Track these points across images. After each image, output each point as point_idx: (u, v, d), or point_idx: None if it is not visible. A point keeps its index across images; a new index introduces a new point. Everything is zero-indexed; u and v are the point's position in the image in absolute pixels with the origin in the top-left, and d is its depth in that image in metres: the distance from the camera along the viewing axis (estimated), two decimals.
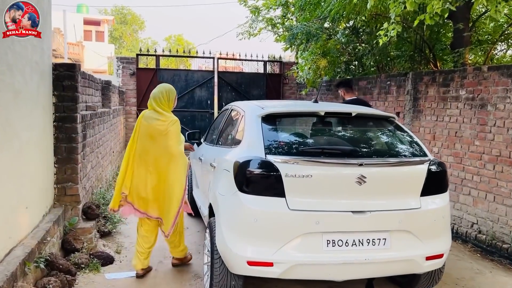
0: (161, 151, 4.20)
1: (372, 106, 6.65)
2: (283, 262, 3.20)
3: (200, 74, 12.07)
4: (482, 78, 5.57)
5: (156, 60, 11.66)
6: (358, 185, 3.29)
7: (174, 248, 4.57)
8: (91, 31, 42.55)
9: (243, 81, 12.27)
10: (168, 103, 4.31)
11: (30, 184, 3.84)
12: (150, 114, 4.27)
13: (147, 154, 4.22)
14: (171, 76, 11.60)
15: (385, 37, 5.54)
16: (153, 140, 4.21)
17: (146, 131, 4.21)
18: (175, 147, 4.22)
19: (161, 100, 4.26)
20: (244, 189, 3.30)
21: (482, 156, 5.58)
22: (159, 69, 11.65)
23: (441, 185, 3.61)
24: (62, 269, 3.86)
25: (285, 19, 10.78)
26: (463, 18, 7.30)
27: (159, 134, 4.19)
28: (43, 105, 4.19)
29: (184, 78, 11.76)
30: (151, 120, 4.22)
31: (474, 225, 5.70)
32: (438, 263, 3.54)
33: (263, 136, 3.48)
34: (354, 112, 3.80)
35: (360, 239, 3.30)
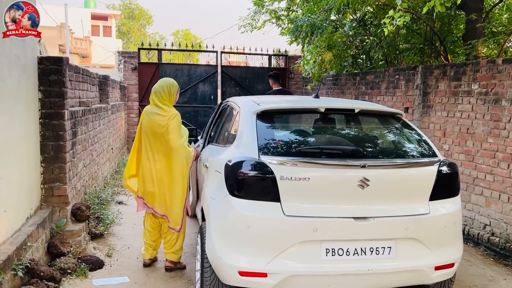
0: (163, 145, 4.20)
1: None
2: (278, 273, 2.92)
3: (203, 68, 11.79)
4: (497, 71, 5.23)
5: (159, 54, 11.41)
6: (361, 189, 2.99)
7: (169, 248, 4.39)
8: (98, 26, 42.53)
9: (248, 75, 11.97)
10: (170, 98, 4.26)
11: (10, 186, 3.59)
12: (152, 109, 4.26)
13: (151, 149, 4.24)
14: (173, 71, 11.34)
15: (391, 26, 5.18)
16: (155, 135, 4.20)
17: (149, 126, 4.21)
18: (175, 140, 4.18)
19: (162, 94, 4.22)
20: (236, 193, 3.03)
21: (495, 154, 5.25)
22: (162, 63, 11.40)
23: (452, 188, 3.31)
24: (44, 276, 3.61)
25: (289, 11, 10.43)
26: (476, 9, 6.95)
27: (160, 129, 4.16)
28: (25, 102, 3.94)
29: (187, 72, 11.48)
30: (152, 115, 4.20)
31: (487, 227, 5.39)
32: (448, 273, 3.24)
33: (258, 135, 3.20)
34: (358, 108, 3.50)
35: (362, 248, 3.01)
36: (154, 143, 4.21)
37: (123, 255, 4.74)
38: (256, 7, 10.36)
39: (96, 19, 41.91)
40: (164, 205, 4.27)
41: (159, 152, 4.21)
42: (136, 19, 48.99)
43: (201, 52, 12.20)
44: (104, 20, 42.91)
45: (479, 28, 7.03)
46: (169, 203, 4.25)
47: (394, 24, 5.07)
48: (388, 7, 7.64)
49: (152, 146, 4.22)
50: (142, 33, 48.65)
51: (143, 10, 49.42)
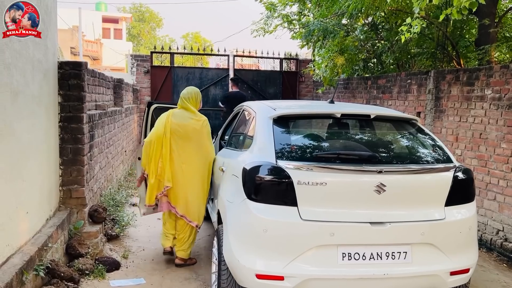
0: (192, 148, 4.44)
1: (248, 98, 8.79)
2: (295, 276, 2.97)
3: (215, 72, 11.87)
4: (510, 76, 5.24)
5: (171, 57, 11.52)
6: (377, 194, 3.03)
7: (180, 245, 4.60)
8: (109, 28, 42.90)
9: (259, 79, 12.04)
10: (196, 104, 4.60)
11: (31, 189, 3.68)
12: (182, 113, 4.50)
13: (182, 151, 4.42)
14: (185, 74, 11.44)
15: (408, 34, 5.22)
16: (187, 138, 4.43)
17: (182, 130, 4.41)
18: (209, 145, 4.57)
19: (190, 100, 4.53)
20: (253, 197, 3.08)
21: (509, 159, 5.25)
22: (174, 67, 11.50)
23: (467, 194, 3.33)
24: (64, 276, 3.69)
25: (301, 16, 10.49)
26: (489, 14, 6.96)
27: (194, 132, 4.44)
28: (46, 105, 4.03)
29: (198, 76, 11.57)
30: (185, 119, 4.46)
31: (500, 232, 5.38)
32: (463, 278, 3.26)
33: (274, 140, 3.25)
34: (373, 114, 3.54)
35: (378, 253, 3.04)
36: (183, 144, 4.41)
37: (138, 256, 4.80)
38: (269, 12, 10.42)
39: (107, 22, 42.29)
40: (185, 206, 4.47)
41: (187, 154, 4.42)
42: (146, 22, 49.34)
43: (213, 55, 12.27)
44: (115, 23, 43.29)
45: (492, 33, 7.03)
46: (190, 204, 4.47)
47: (411, 32, 5.09)
48: (401, 12, 7.67)
49: (180, 148, 4.41)
50: (152, 35, 48.97)
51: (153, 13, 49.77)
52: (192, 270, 4.51)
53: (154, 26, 50.60)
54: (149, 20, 49.66)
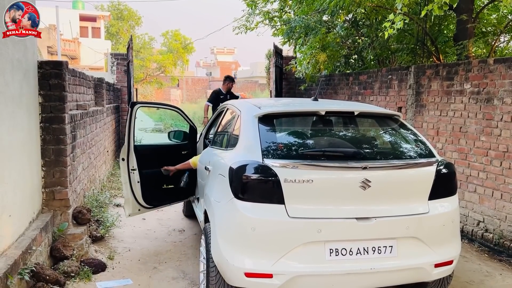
0: None
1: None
2: (283, 274, 2.99)
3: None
4: (488, 71, 5.35)
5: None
6: (362, 190, 3.07)
7: None
8: (87, 27, 42.22)
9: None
10: None
11: (13, 191, 3.61)
12: None
13: None
14: None
15: (391, 30, 5.27)
16: None
17: None
18: None
19: None
20: (240, 196, 3.09)
21: (488, 152, 5.37)
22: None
23: (450, 187, 3.40)
24: (49, 280, 3.64)
25: (282, 13, 10.50)
26: (467, 9, 7.07)
27: None
28: (27, 106, 3.96)
29: None
30: None
31: (481, 223, 5.51)
32: (447, 270, 3.34)
33: (260, 139, 3.26)
34: (357, 111, 3.58)
35: (365, 247, 3.09)
36: None
37: (124, 257, 4.77)
38: (250, 9, 10.40)
39: (84, 20, 41.62)
40: None
41: None
42: (125, 20, 48.54)
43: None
44: (93, 21, 42.62)
45: (470, 28, 7.14)
46: None
47: (394, 27, 5.15)
48: (381, 8, 7.74)
49: None
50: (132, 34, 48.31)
51: (132, 11, 48.95)
52: (179, 269, 4.49)
53: (133, 24, 49.85)
54: (128, 18, 48.87)
